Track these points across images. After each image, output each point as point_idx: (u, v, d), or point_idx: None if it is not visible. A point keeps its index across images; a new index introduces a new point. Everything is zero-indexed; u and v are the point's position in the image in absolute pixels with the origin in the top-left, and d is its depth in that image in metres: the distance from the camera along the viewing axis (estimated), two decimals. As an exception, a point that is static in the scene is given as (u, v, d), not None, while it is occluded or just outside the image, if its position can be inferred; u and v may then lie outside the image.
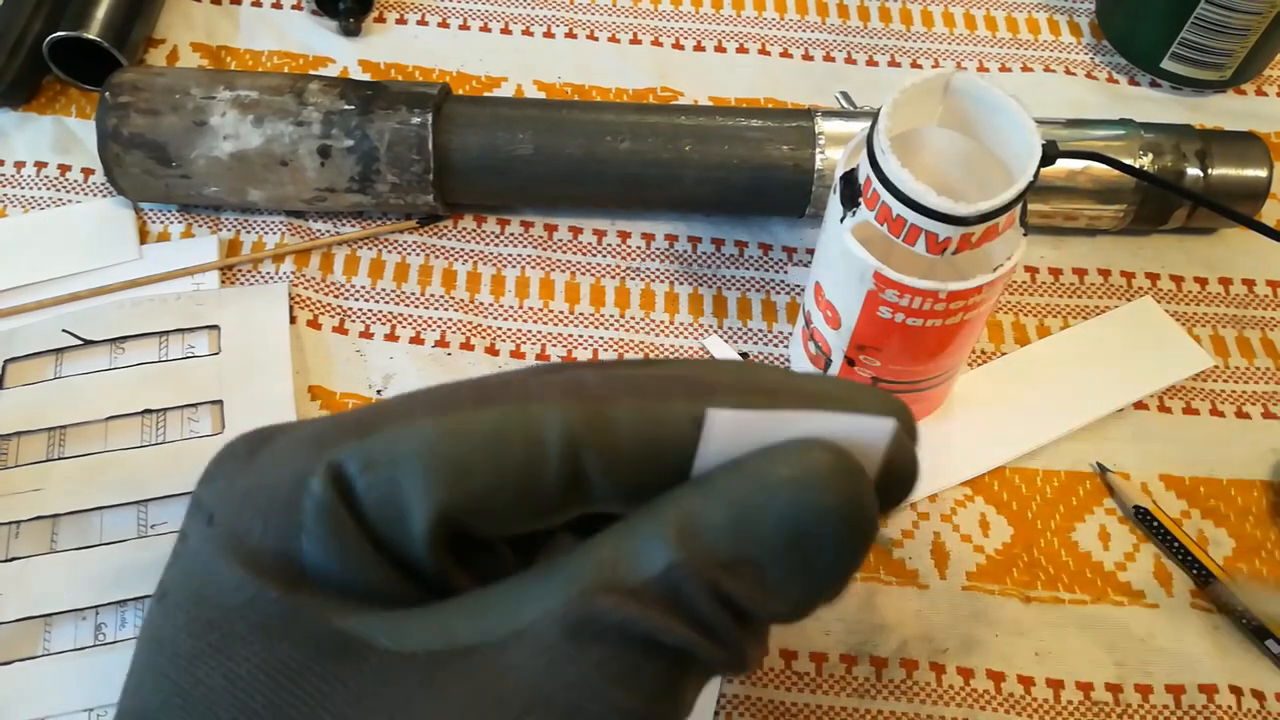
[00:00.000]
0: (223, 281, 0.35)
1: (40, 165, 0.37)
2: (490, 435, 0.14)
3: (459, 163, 0.34)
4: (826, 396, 0.15)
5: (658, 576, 0.13)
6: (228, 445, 0.16)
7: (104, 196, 0.37)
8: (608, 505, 0.15)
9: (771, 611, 0.14)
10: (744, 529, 0.14)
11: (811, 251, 0.36)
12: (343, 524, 0.14)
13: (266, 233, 0.36)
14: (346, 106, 0.34)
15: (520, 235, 0.37)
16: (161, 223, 0.36)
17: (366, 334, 0.34)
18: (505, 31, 0.42)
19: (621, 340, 0.34)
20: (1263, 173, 0.35)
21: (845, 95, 0.38)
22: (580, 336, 0.34)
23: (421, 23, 0.42)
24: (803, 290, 0.35)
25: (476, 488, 0.14)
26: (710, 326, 0.35)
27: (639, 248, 0.36)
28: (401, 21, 0.42)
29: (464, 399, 0.14)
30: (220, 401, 0.32)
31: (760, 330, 0.35)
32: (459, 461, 0.14)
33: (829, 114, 0.35)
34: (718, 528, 0.14)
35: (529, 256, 0.36)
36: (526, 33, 0.42)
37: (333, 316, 0.34)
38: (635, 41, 0.42)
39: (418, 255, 0.36)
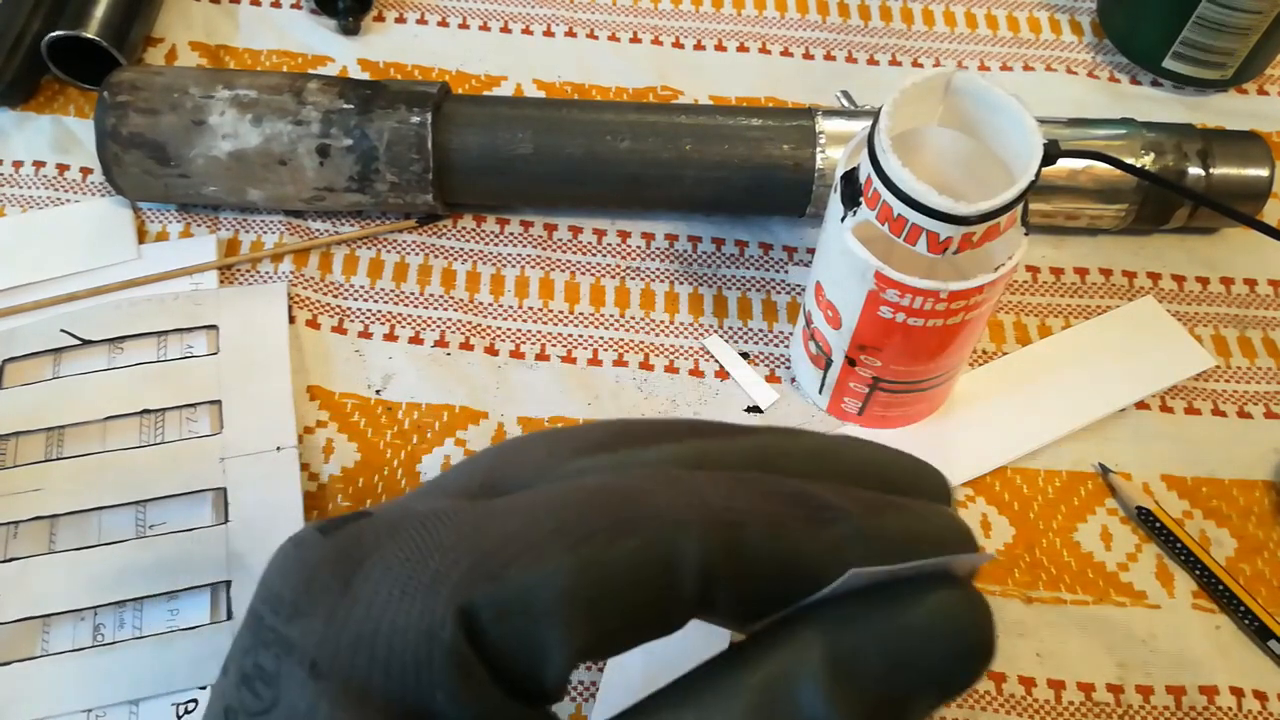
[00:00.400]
0: (221, 281, 0.35)
1: (39, 165, 0.37)
2: (629, 573, 0.13)
3: (458, 162, 0.34)
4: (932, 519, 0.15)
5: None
6: (303, 561, 0.14)
7: (102, 196, 0.36)
8: (725, 622, 0.15)
9: None
10: (897, 675, 0.14)
11: (812, 251, 0.36)
12: (477, 676, 0.13)
13: (265, 232, 0.36)
14: (346, 106, 0.33)
15: (520, 235, 0.36)
16: (160, 222, 0.36)
17: (365, 334, 0.34)
18: (505, 30, 0.42)
19: (621, 340, 0.34)
20: (1264, 172, 0.35)
21: (846, 94, 0.38)
22: (580, 336, 0.34)
23: (421, 21, 0.42)
24: (803, 290, 0.35)
25: (613, 626, 0.14)
26: (710, 326, 0.35)
27: (639, 247, 0.36)
28: (401, 20, 0.42)
29: (596, 525, 0.14)
30: (219, 401, 0.31)
31: (761, 330, 0.35)
32: (597, 603, 0.13)
33: (830, 113, 0.35)
34: (872, 675, 0.14)
35: (528, 256, 0.36)
36: (526, 31, 0.42)
37: (331, 316, 0.34)
38: (635, 40, 0.42)
39: (417, 255, 0.36)
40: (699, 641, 0.14)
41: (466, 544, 0.13)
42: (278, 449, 0.31)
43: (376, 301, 0.35)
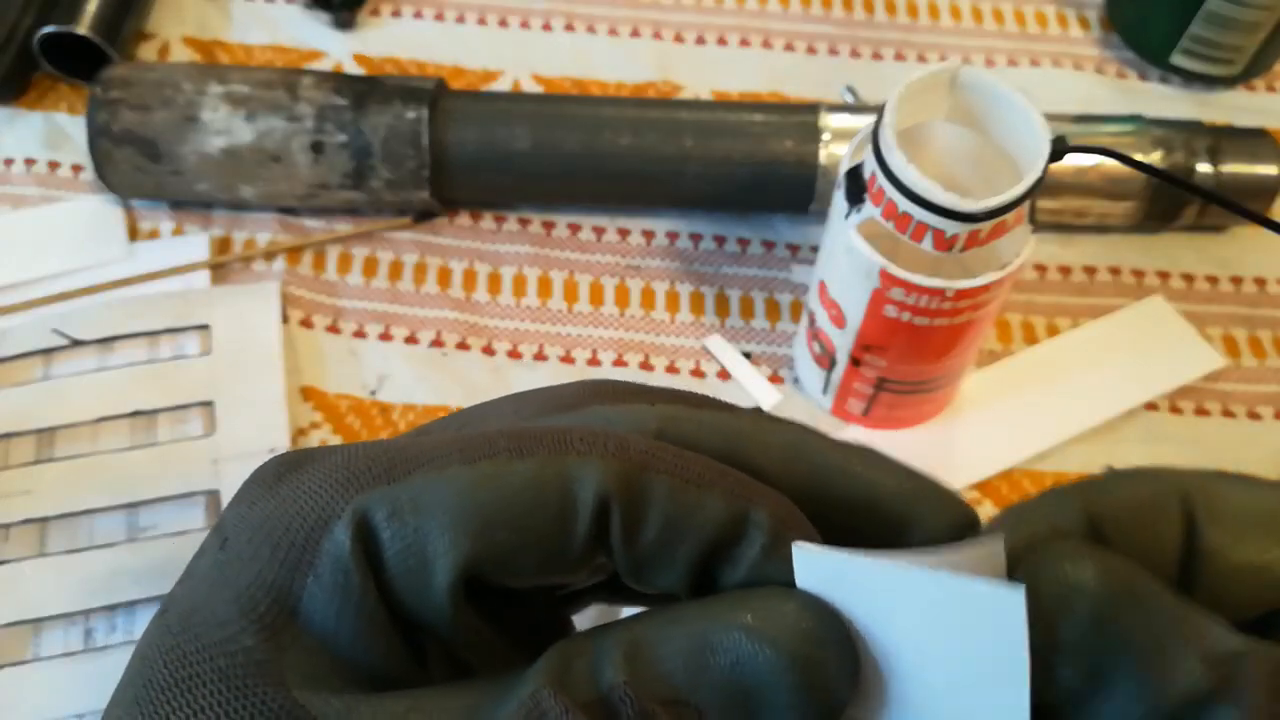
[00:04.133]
0: (213, 280, 0.34)
1: (30, 162, 0.37)
2: (523, 487, 0.13)
3: (455, 158, 0.34)
4: (884, 493, 0.14)
5: (601, 696, 0.13)
6: (259, 467, 0.15)
7: (93, 194, 0.36)
8: (624, 577, 0.14)
9: None
10: (693, 671, 0.13)
11: (816, 249, 0.36)
12: (358, 577, 0.13)
13: (258, 230, 0.35)
14: (340, 101, 0.33)
15: (517, 232, 0.36)
16: (152, 220, 0.36)
17: (360, 333, 0.33)
18: (502, 24, 0.41)
19: (621, 340, 0.34)
20: (1274, 170, 0.34)
21: (851, 89, 0.38)
22: (579, 336, 0.34)
23: (417, 15, 0.41)
24: (807, 289, 0.35)
25: (504, 540, 0.13)
26: (712, 325, 0.34)
27: (639, 245, 0.36)
28: (396, 14, 0.41)
29: (500, 446, 0.14)
30: (211, 403, 0.31)
31: (763, 329, 0.34)
32: (489, 513, 0.13)
33: (834, 108, 0.34)
34: (667, 660, 0.13)
35: (526, 254, 0.35)
36: (524, 25, 0.41)
37: (326, 315, 0.34)
38: (635, 34, 0.41)
39: (412, 253, 0.35)
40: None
41: (382, 452, 0.14)
42: (271, 451, 0.30)
43: (371, 300, 0.34)
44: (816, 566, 0.13)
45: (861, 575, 0.13)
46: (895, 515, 0.15)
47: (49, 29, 0.36)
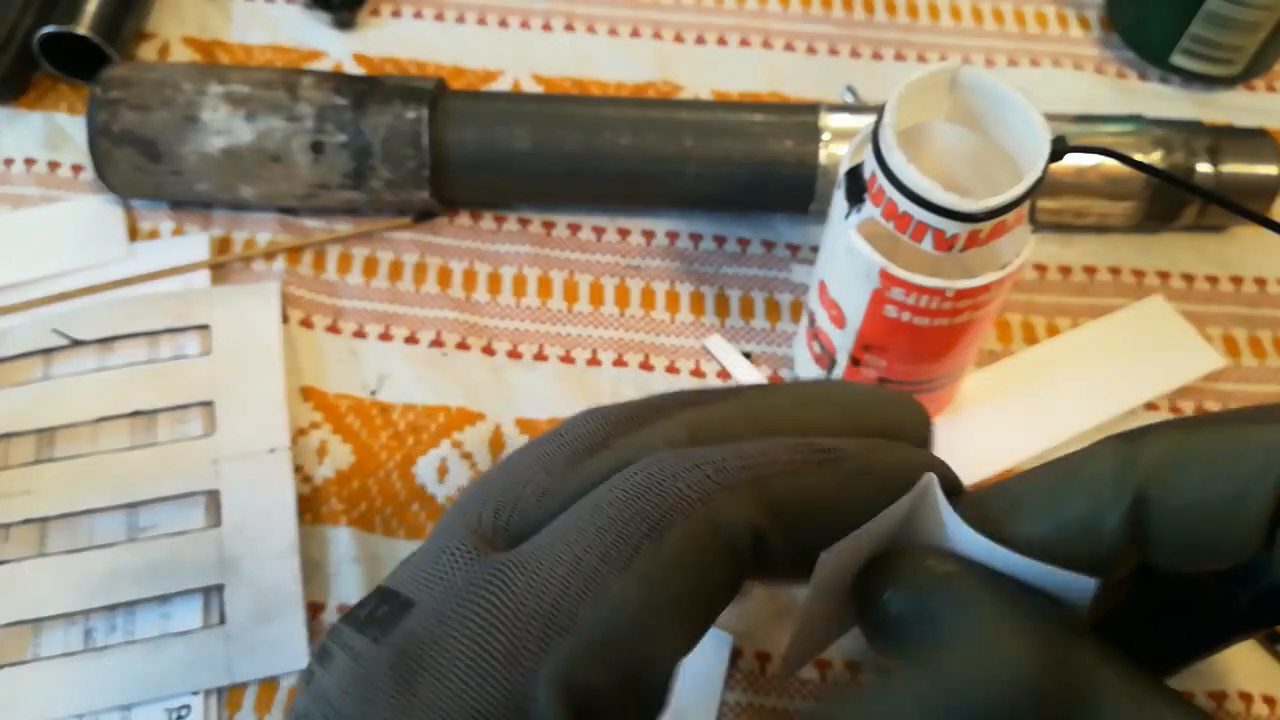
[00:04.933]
0: (213, 280, 0.34)
1: (30, 162, 0.37)
2: (687, 561, 0.13)
3: (455, 158, 0.34)
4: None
5: None
6: (360, 676, 0.13)
7: (93, 194, 0.36)
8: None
9: None
10: None
11: (816, 249, 0.36)
12: None
13: (258, 230, 0.35)
14: (340, 101, 0.33)
15: (517, 232, 0.36)
16: (152, 220, 0.36)
17: (360, 333, 0.33)
18: (502, 24, 0.41)
19: (621, 340, 0.34)
20: (1274, 169, 0.34)
21: (851, 89, 0.38)
22: (579, 336, 0.34)
23: (417, 15, 0.41)
24: (807, 288, 0.35)
25: (698, 612, 0.14)
26: (712, 325, 0.34)
27: (639, 245, 0.36)
28: (396, 14, 0.41)
29: (634, 535, 0.13)
30: (211, 403, 0.31)
31: (763, 330, 0.34)
32: (675, 602, 0.13)
33: (834, 108, 0.34)
34: None
35: (526, 254, 0.35)
36: (524, 25, 0.41)
37: (325, 315, 0.34)
38: (635, 34, 0.41)
39: (412, 253, 0.35)
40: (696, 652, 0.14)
41: (526, 608, 0.13)
42: (271, 451, 0.30)
43: (371, 300, 0.34)
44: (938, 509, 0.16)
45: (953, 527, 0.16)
46: (891, 424, 0.17)
47: (49, 29, 0.36)
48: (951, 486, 0.17)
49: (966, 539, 0.15)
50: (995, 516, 0.15)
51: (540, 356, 0.33)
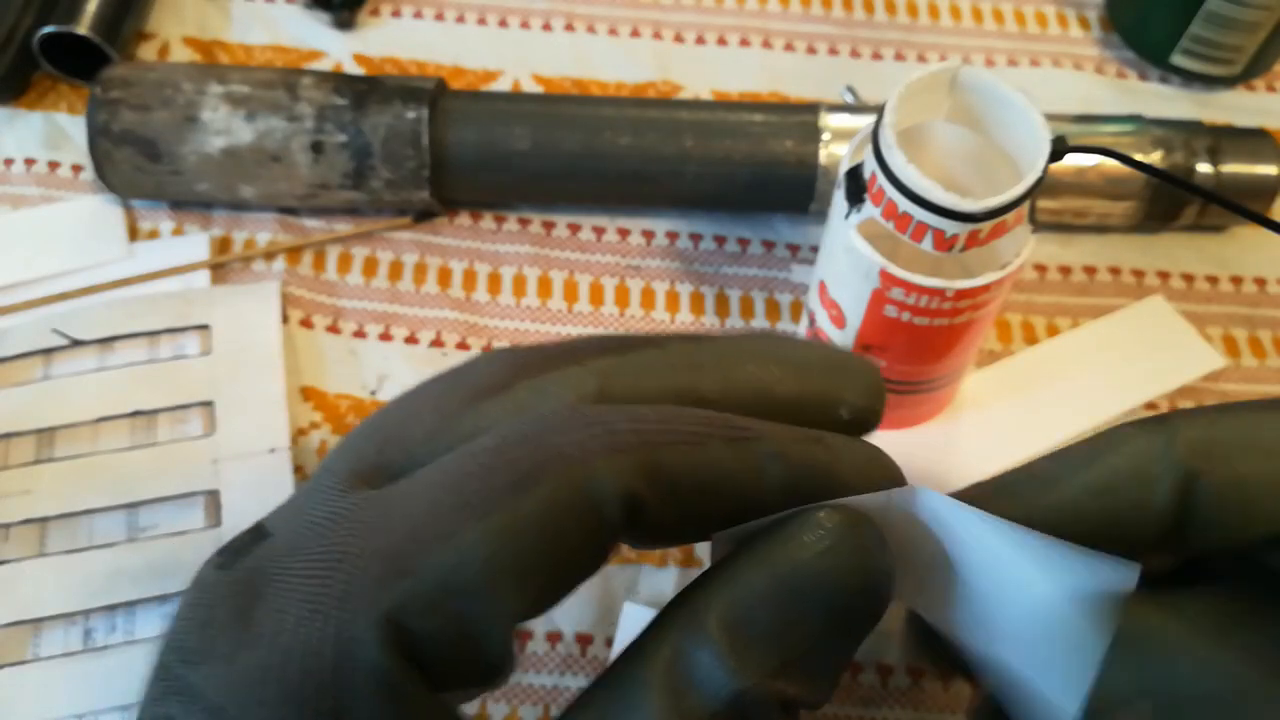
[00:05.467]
0: (213, 280, 0.34)
1: (30, 162, 0.37)
2: (547, 524, 0.13)
3: (455, 158, 0.34)
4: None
5: (726, 707, 0.12)
6: (200, 603, 0.13)
7: (93, 194, 0.36)
8: (649, 544, 0.14)
9: (815, 701, 0.14)
10: (794, 625, 0.13)
11: (816, 249, 0.36)
12: (404, 691, 0.12)
13: (258, 230, 0.35)
14: (340, 101, 0.33)
15: (517, 232, 0.36)
16: (152, 220, 0.36)
17: (360, 333, 0.33)
18: (502, 24, 0.41)
19: (621, 340, 0.34)
20: (1273, 169, 0.34)
21: (850, 90, 0.38)
22: (579, 336, 0.34)
23: (417, 15, 0.41)
24: (807, 288, 0.35)
25: (544, 580, 0.13)
26: (712, 325, 0.34)
27: (639, 245, 0.36)
28: (396, 14, 0.41)
29: (498, 486, 0.13)
30: (211, 403, 0.31)
31: (763, 330, 0.34)
32: (522, 563, 0.12)
33: (834, 108, 0.34)
34: (768, 635, 0.13)
35: (526, 254, 0.35)
36: (524, 25, 0.41)
37: (325, 315, 0.34)
38: (635, 34, 0.41)
39: (412, 253, 0.35)
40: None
41: (371, 546, 0.12)
42: (271, 451, 0.30)
43: (371, 300, 0.34)
44: (930, 503, 0.15)
45: (956, 519, 0.15)
46: (823, 401, 0.16)
47: (49, 29, 0.36)
48: (894, 483, 0.16)
49: (981, 530, 0.14)
50: (1024, 491, 0.15)
51: (540, 356, 0.33)
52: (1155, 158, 0.34)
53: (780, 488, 0.14)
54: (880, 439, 0.20)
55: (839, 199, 0.27)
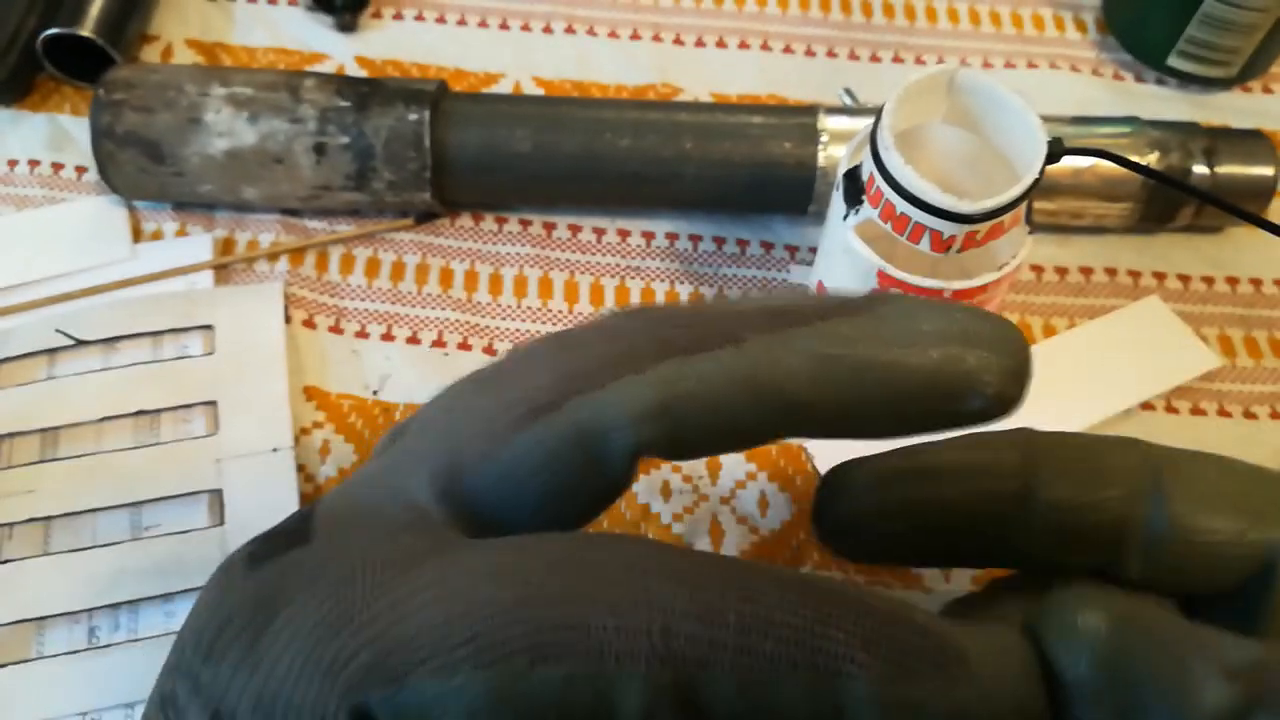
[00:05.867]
0: (217, 281, 0.34)
1: (34, 163, 0.37)
2: (548, 707, 0.11)
3: (456, 160, 0.34)
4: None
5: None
6: (223, 602, 0.13)
7: (97, 195, 0.36)
8: None
9: None
10: None
11: (814, 250, 0.36)
12: None
13: (261, 231, 0.35)
14: (342, 103, 0.33)
15: (518, 233, 0.36)
16: (155, 221, 0.36)
17: (362, 334, 0.34)
18: (503, 27, 0.41)
19: (621, 340, 0.34)
20: (1269, 170, 0.34)
21: (849, 92, 0.38)
22: (579, 336, 0.34)
23: (419, 18, 0.41)
24: (806, 289, 0.35)
25: None
26: (711, 326, 0.34)
27: (639, 246, 0.36)
28: (398, 17, 0.41)
29: (515, 644, 0.11)
30: (214, 402, 0.31)
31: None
32: None
33: (832, 110, 0.34)
34: None
35: (527, 255, 0.36)
36: (525, 28, 0.41)
37: (328, 316, 0.34)
38: (635, 37, 0.41)
39: (414, 254, 0.35)
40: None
41: (372, 631, 0.12)
42: (274, 450, 0.30)
43: (373, 301, 0.34)
44: None
45: None
46: (942, 394, 0.14)
47: (52, 31, 0.36)
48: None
49: None
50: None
51: (541, 357, 0.33)
52: (1151, 159, 0.34)
53: None
54: (878, 442, 0.20)
55: (837, 200, 0.27)
